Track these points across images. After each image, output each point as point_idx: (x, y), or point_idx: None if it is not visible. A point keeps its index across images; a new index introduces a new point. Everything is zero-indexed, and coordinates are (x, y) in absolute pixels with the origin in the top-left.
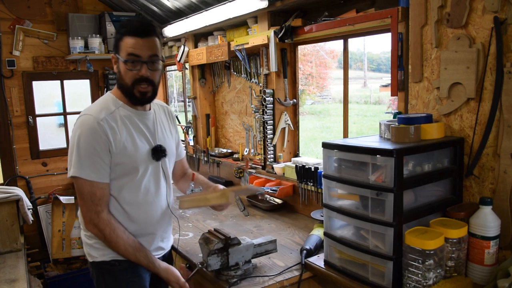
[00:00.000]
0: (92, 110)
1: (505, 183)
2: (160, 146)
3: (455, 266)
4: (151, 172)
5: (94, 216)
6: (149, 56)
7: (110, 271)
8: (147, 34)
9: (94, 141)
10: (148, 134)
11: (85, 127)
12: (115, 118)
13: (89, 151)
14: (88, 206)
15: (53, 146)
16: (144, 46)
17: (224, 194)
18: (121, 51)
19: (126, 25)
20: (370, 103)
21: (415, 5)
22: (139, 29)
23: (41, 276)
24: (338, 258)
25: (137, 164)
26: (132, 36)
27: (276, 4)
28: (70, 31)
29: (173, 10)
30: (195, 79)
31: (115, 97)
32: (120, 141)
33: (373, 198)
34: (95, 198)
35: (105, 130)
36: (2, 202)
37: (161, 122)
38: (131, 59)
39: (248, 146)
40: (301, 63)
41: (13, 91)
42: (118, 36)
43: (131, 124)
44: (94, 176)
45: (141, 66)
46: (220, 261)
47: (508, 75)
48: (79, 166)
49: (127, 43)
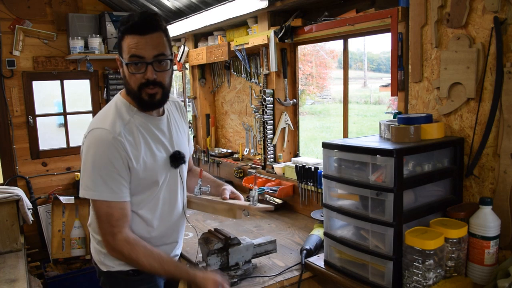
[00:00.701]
0: (106, 123)
1: (505, 183)
2: (178, 152)
3: (455, 266)
4: (169, 180)
5: (110, 239)
6: (154, 55)
7: (126, 281)
8: (150, 30)
9: (112, 158)
10: (165, 140)
11: (100, 143)
12: (131, 130)
13: (107, 169)
14: (105, 228)
15: (53, 146)
16: (147, 44)
17: (232, 210)
18: (123, 53)
19: (126, 20)
20: (370, 103)
21: (415, 5)
22: (140, 24)
23: (41, 276)
24: (338, 258)
25: (157, 177)
26: (133, 34)
27: (276, 4)
28: (70, 31)
29: (173, 10)
30: (195, 79)
31: (127, 103)
32: (139, 156)
33: (373, 198)
34: (112, 219)
35: (124, 145)
36: (2, 202)
37: (175, 123)
38: (133, 61)
39: (248, 146)
40: (301, 63)
41: (13, 91)
42: (119, 35)
43: (147, 132)
44: (112, 196)
45: (146, 68)
46: (219, 261)
47: (508, 75)
48: (94, 186)
49: (128, 43)
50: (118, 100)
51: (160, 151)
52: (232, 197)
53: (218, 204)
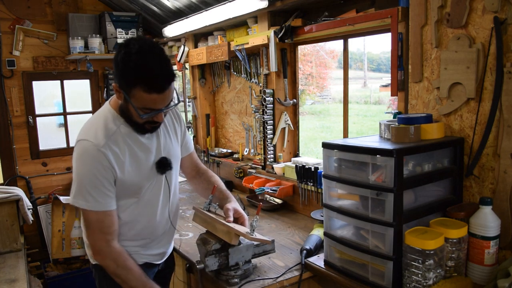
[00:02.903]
0: (91, 135)
1: (505, 183)
2: (165, 159)
3: (455, 266)
4: (154, 185)
5: (104, 245)
6: (167, 105)
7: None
8: (168, 87)
9: (95, 171)
10: (151, 147)
11: (85, 155)
12: (116, 140)
13: (92, 181)
14: (96, 235)
15: (53, 146)
16: (163, 100)
17: (229, 233)
18: (132, 98)
19: (142, 74)
20: (370, 103)
21: (415, 5)
22: (160, 83)
23: (41, 276)
24: (338, 258)
25: (142, 184)
26: (151, 93)
27: (276, 4)
28: (70, 31)
29: (173, 10)
30: (195, 79)
31: (115, 113)
32: (124, 165)
33: (373, 198)
34: (103, 226)
35: (108, 156)
36: (2, 202)
37: (165, 127)
38: (147, 112)
39: (248, 146)
40: (301, 63)
41: (13, 91)
42: (128, 79)
43: (133, 142)
44: (97, 205)
45: (157, 113)
46: (217, 261)
47: (508, 75)
48: (82, 196)
49: (143, 97)
50: (106, 109)
51: (147, 159)
52: (236, 217)
53: (218, 224)
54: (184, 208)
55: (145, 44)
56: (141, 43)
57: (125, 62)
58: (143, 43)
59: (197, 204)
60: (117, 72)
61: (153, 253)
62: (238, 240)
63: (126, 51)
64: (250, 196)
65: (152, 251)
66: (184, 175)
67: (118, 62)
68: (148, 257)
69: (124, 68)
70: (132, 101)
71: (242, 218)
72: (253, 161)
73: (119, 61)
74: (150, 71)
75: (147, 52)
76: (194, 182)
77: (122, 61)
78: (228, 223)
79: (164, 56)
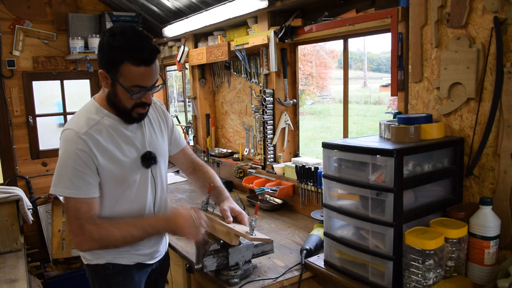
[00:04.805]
0: (73, 124)
1: (505, 183)
2: (149, 153)
3: (455, 266)
4: (140, 179)
5: (78, 231)
6: (154, 83)
7: (104, 274)
8: (154, 60)
9: (75, 157)
10: (136, 141)
11: (66, 142)
12: (99, 130)
13: (71, 167)
14: (72, 222)
15: (53, 146)
16: (151, 75)
17: (229, 234)
18: (120, 77)
19: (127, 47)
20: (370, 103)
21: (415, 5)
22: (146, 55)
23: (41, 276)
24: (338, 258)
25: (126, 174)
26: (139, 66)
27: (276, 4)
28: (70, 31)
29: (173, 10)
30: (195, 79)
31: (99, 106)
32: (106, 153)
33: (373, 198)
34: (79, 213)
35: (88, 143)
36: (2, 202)
37: (150, 123)
38: (137, 90)
39: (248, 146)
40: (301, 63)
41: (13, 91)
42: (115, 57)
43: (117, 133)
44: (77, 193)
45: (145, 93)
46: (216, 262)
47: (508, 75)
48: (60, 183)
49: (132, 72)
50: (90, 103)
51: (131, 151)
52: (234, 215)
53: (218, 225)
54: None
55: (127, 26)
56: (123, 26)
57: (110, 43)
58: (124, 26)
59: (197, 205)
60: (103, 55)
61: (144, 253)
62: (238, 240)
63: (110, 33)
64: (250, 196)
65: (142, 251)
66: (183, 172)
67: (104, 45)
68: (139, 257)
69: (110, 48)
70: (120, 80)
71: (241, 216)
72: (253, 161)
73: (105, 43)
74: (135, 44)
75: (130, 31)
76: (192, 178)
77: (107, 43)
78: (228, 225)
79: (147, 34)
